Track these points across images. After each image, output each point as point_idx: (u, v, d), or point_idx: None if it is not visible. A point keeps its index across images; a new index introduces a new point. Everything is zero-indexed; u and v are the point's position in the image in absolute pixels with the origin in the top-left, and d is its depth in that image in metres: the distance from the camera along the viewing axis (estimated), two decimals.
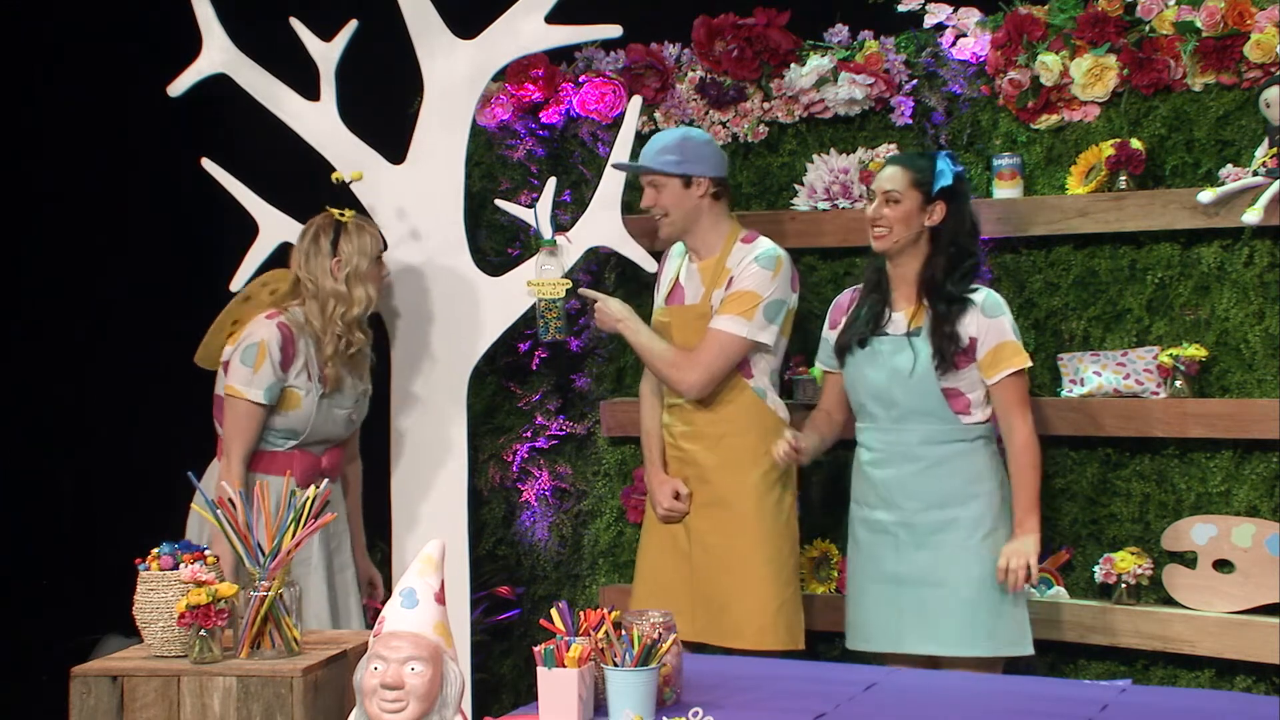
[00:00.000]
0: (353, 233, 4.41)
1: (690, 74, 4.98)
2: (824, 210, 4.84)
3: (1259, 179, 4.24)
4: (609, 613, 3.20)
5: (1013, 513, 4.25)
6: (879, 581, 4.32)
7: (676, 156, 4.53)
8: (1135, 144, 4.45)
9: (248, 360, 4.31)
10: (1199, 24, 4.39)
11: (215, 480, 4.32)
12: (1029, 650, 4.26)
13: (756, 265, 4.48)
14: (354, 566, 4.55)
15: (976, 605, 4.23)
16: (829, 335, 4.48)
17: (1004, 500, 4.29)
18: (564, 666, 3.10)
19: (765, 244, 4.55)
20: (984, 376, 4.25)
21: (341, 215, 4.45)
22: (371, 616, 4.47)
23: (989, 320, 4.25)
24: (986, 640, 4.23)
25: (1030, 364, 4.28)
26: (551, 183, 4.88)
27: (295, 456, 4.38)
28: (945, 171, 4.28)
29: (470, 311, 4.83)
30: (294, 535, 3.48)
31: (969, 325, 4.25)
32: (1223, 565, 4.33)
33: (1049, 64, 4.54)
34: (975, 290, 4.30)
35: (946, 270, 4.28)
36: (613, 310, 4.59)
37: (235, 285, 4.76)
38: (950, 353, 4.22)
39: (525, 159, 5.14)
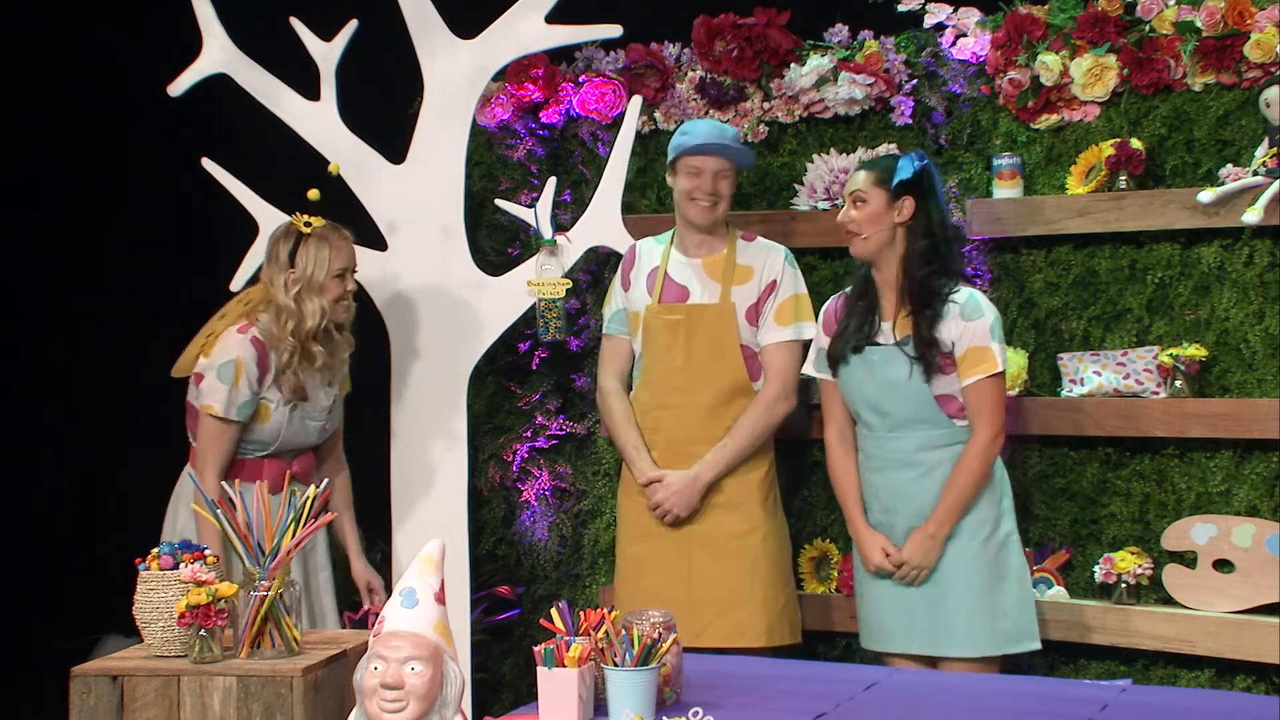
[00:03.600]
0: (312, 244, 4.31)
1: (690, 74, 4.98)
2: (824, 210, 4.84)
3: (1259, 179, 4.24)
4: (609, 613, 3.20)
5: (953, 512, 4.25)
6: (886, 584, 4.33)
7: (748, 151, 4.64)
8: (1135, 144, 4.45)
9: (224, 378, 4.26)
10: (1199, 24, 4.39)
11: (190, 487, 4.33)
12: (1036, 645, 4.27)
13: (789, 266, 4.57)
14: (330, 569, 4.52)
15: (979, 607, 4.23)
16: (822, 343, 4.47)
17: (1002, 501, 4.30)
18: (564, 666, 3.10)
19: (772, 243, 4.61)
20: (959, 378, 4.25)
21: (307, 225, 4.35)
22: (371, 621, 4.46)
23: (966, 323, 4.24)
24: (990, 640, 4.24)
25: (1003, 368, 4.25)
26: (551, 183, 4.88)
27: (265, 464, 4.36)
28: (905, 166, 4.30)
29: (470, 311, 4.83)
30: (294, 535, 3.49)
31: (950, 328, 4.24)
32: (1223, 565, 4.33)
33: (1049, 64, 4.54)
34: (958, 292, 4.29)
35: (923, 268, 4.28)
36: (678, 482, 4.53)
37: (236, 285, 4.76)
38: (934, 360, 4.23)
39: (525, 159, 5.14)
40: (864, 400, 4.34)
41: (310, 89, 4.80)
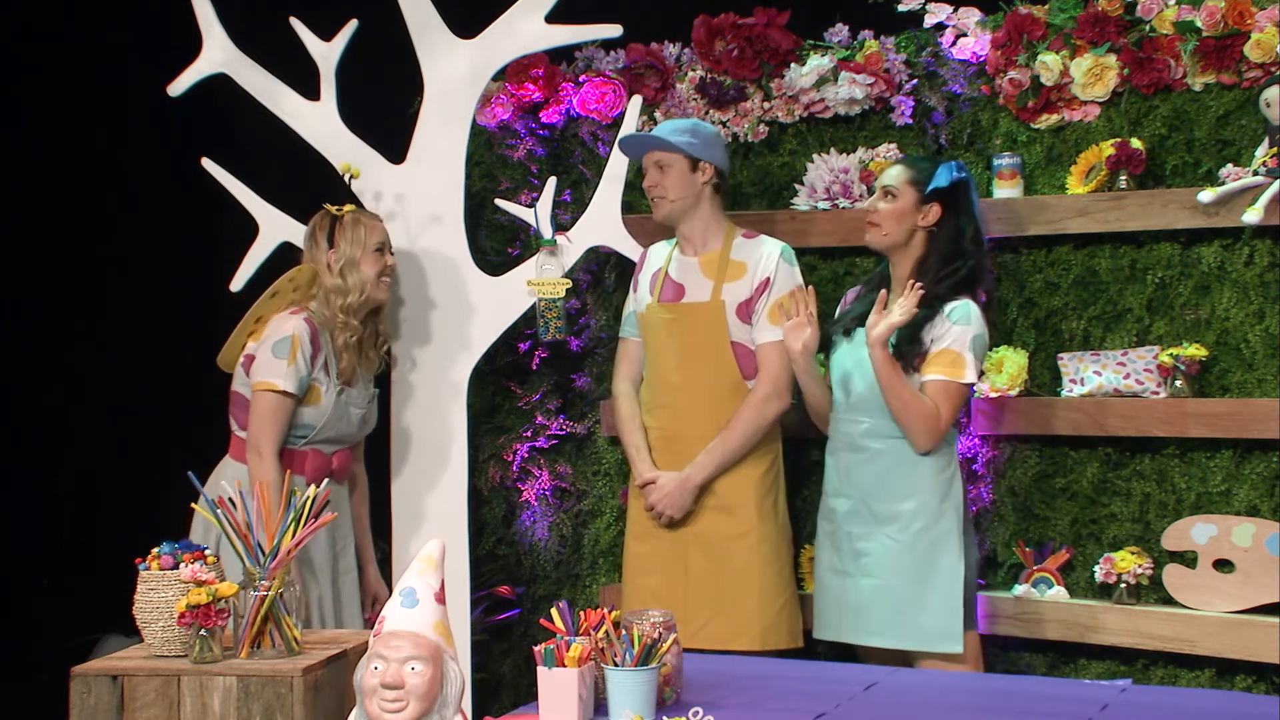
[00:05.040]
0: (347, 226, 4.45)
1: (690, 74, 4.98)
2: (824, 210, 4.84)
3: (1259, 179, 4.24)
4: (609, 613, 3.20)
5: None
6: (830, 571, 4.40)
7: (689, 137, 4.55)
8: (1135, 144, 4.46)
9: (280, 353, 4.31)
10: (1199, 24, 4.39)
11: (226, 478, 4.32)
12: (958, 648, 4.23)
13: (786, 264, 4.55)
14: (357, 571, 4.55)
15: (903, 597, 4.26)
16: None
17: (945, 500, 4.28)
18: (564, 666, 3.10)
19: (774, 241, 4.59)
20: (922, 372, 4.25)
21: (338, 210, 4.48)
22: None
23: (948, 324, 4.24)
24: (913, 633, 4.25)
25: (969, 380, 4.22)
26: (551, 183, 4.88)
27: (308, 455, 4.38)
28: (942, 174, 4.31)
29: (470, 311, 4.83)
30: (294, 535, 3.49)
31: (934, 328, 4.25)
32: (1223, 565, 4.33)
33: (1049, 64, 4.54)
34: (956, 299, 4.27)
35: (936, 275, 4.28)
36: (669, 484, 4.53)
37: (235, 285, 4.77)
38: (910, 355, 4.24)
39: (525, 159, 5.14)
40: (836, 376, 4.40)
41: (310, 89, 4.80)
